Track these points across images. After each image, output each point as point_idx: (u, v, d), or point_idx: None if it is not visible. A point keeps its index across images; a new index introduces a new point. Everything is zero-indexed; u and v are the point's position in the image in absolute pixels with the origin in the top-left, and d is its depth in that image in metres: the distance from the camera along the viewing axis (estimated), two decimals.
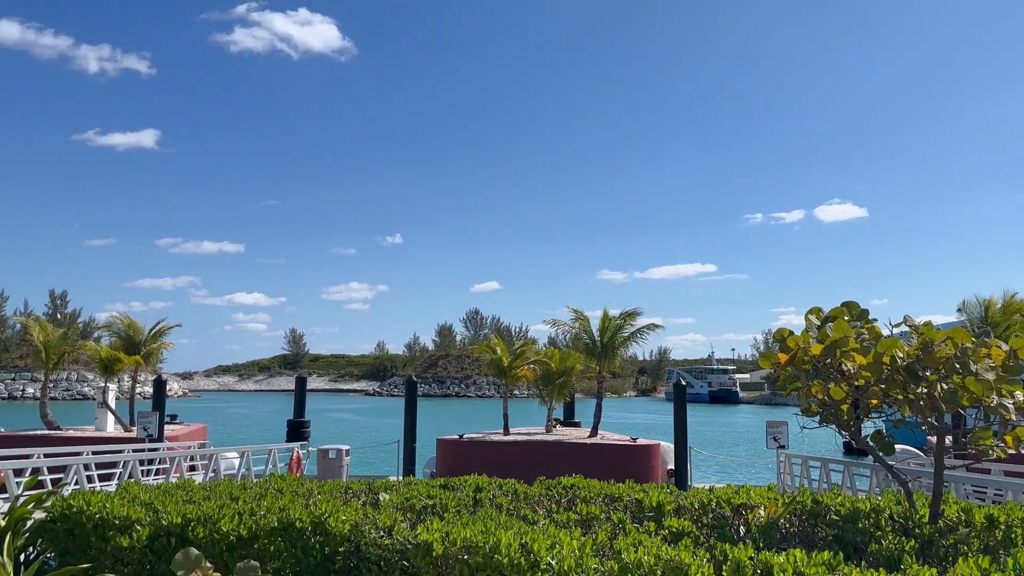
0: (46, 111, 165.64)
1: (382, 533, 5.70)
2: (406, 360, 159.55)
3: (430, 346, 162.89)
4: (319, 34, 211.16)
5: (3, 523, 6.95)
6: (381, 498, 6.94)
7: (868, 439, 6.41)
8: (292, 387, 35.97)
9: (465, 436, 25.79)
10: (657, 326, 28.04)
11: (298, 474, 23.07)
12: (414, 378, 28.86)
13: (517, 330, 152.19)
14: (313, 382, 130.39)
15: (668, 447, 25.00)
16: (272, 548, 5.87)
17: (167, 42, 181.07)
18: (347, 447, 24.24)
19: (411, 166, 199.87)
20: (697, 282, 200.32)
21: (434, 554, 5.05)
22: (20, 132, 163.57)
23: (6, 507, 7.57)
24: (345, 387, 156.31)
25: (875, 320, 6.38)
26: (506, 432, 26.48)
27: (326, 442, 26.65)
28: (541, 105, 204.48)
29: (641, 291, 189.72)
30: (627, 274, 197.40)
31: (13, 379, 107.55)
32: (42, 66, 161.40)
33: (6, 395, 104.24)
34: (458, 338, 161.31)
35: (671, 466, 24.42)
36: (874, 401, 6.22)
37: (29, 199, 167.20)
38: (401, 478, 12.74)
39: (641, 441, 25.21)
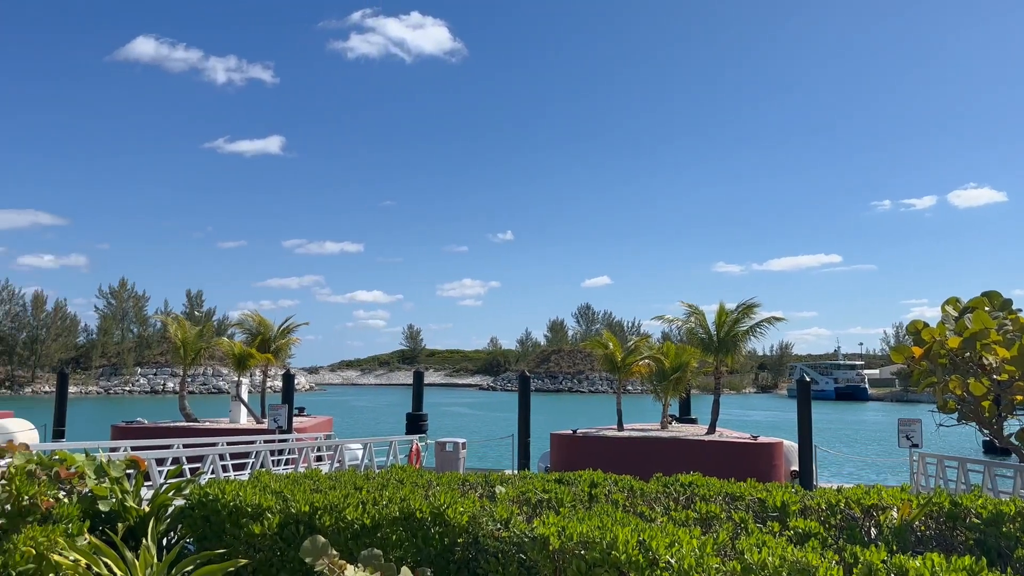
0: (178, 122, 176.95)
1: (499, 525, 5.75)
2: (519, 355, 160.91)
3: (542, 341, 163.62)
4: (431, 37, 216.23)
5: (147, 509, 7.45)
6: (497, 491, 7.01)
7: (1012, 437, 5.96)
8: (410, 381, 36.97)
9: (579, 431, 25.74)
10: (778, 319, 27.11)
11: (417, 465, 23.69)
12: (527, 373, 29.04)
13: (629, 325, 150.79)
14: (429, 376, 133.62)
15: (791, 446, 24.10)
16: (394, 537, 6.02)
17: (288, 51, 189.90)
18: (463, 440, 24.68)
19: (520, 164, 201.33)
20: (820, 274, 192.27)
21: (550, 548, 5.05)
22: (155, 142, 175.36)
23: (149, 494, 8.12)
24: (460, 382, 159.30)
25: (1019, 311, 5.93)
26: (620, 428, 26.25)
27: (442, 435, 27.24)
28: (652, 98, 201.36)
29: (759, 284, 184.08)
30: (743, 266, 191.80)
31: (155, 374, 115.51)
32: (174, 79, 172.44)
33: (148, 389, 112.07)
34: (570, 333, 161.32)
35: (794, 467, 23.52)
36: (1019, 397, 5.79)
37: (165, 205, 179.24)
38: (516, 472, 12.84)
39: (762, 439, 24.42)
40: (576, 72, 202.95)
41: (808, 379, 25.68)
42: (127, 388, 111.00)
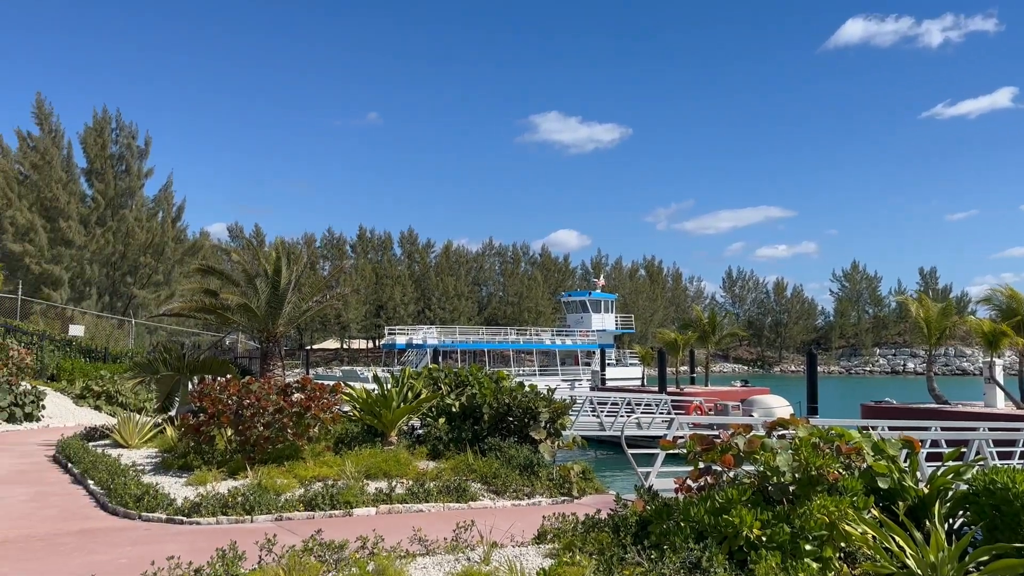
0: (889, 95, 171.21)
1: None
2: None
3: None
4: None
5: (925, 490, 7.31)
6: None
7: None
8: None
9: None
10: None
11: None
12: None
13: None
14: None
15: None
16: None
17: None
18: None
19: None
20: None
21: None
22: (867, 119, 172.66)
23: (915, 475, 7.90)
24: None
25: None
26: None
27: None
28: None
29: None
30: None
31: (893, 354, 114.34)
32: (881, 53, 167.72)
33: (888, 369, 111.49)
34: None
35: None
36: None
37: (888, 183, 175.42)
38: None
39: None
40: None
41: None
42: (867, 368, 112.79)
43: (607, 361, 53.40)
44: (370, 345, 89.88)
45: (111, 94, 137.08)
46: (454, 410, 14.23)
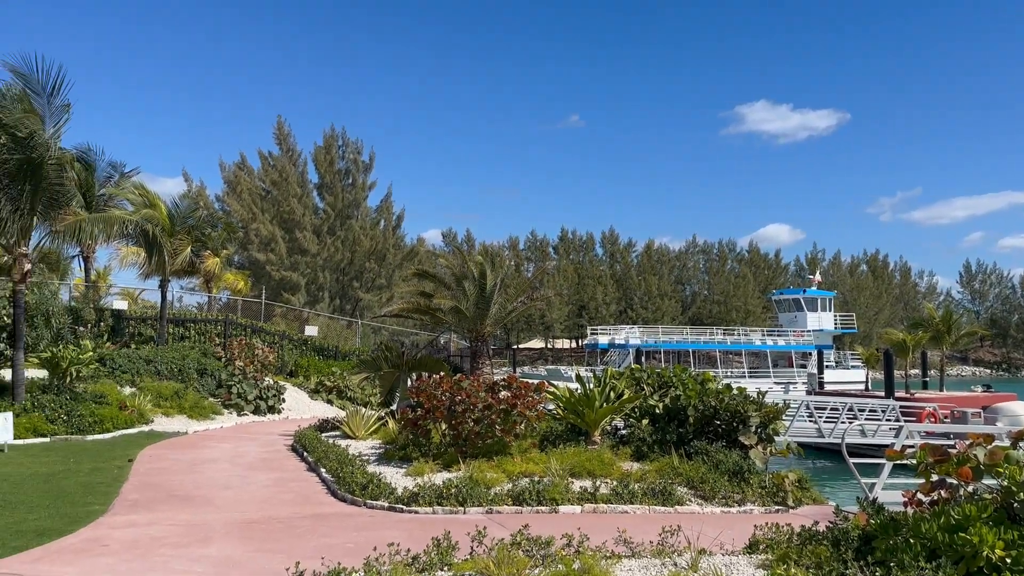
0: None
1: None
2: None
3: None
4: None
5: None
6: None
7: None
8: None
9: None
10: None
11: None
12: None
13: None
14: None
15: None
16: None
17: None
18: None
19: None
20: None
21: None
22: None
23: None
24: None
25: None
26: None
27: None
28: None
29: None
30: None
31: None
32: None
33: None
34: None
35: None
36: None
37: None
38: None
39: None
40: None
41: None
42: None
43: (825, 363, 50.27)
44: (573, 345, 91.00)
45: (339, 112, 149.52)
46: (658, 411, 14.03)
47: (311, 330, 33.88)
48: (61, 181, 17.89)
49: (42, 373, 20.11)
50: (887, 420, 26.26)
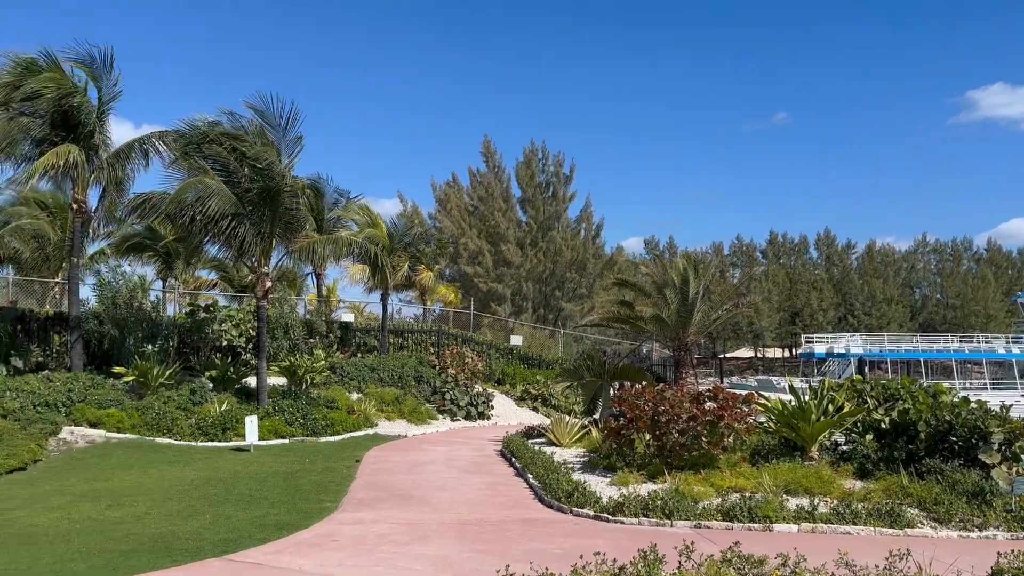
0: None
1: None
2: None
3: None
4: None
5: None
6: None
7: None
8: None
9: None
10: None
11: None
12: None
13: None
14: None
15: None
16: None
17: None
18: None
19: None
20: None
21: None
22: None
23: None
24: None
25: None
26: None
27: None
28: None
29: None
30: None
31: None
32: None
33: None
34: None
35: None
36: None
37: None
38: None
39: None
40: None
41: None
42: None
43: None
44: (785, 354, 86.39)
45: (540, 125, 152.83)
46: (883, 426, 12.99)
47: (516, 339, 34.87)
48: (296, 207, 19.78)
49: (281, 380, 22.31)
50: None
